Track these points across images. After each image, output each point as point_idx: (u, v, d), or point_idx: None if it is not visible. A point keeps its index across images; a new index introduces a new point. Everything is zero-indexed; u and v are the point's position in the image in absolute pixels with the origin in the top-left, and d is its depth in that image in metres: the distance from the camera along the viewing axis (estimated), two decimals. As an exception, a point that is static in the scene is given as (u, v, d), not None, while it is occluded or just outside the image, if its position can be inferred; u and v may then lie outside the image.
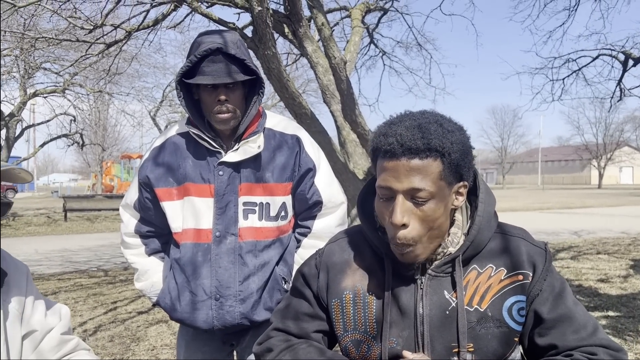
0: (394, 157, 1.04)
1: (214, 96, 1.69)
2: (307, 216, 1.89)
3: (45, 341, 1.19)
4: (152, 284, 1.87)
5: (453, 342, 1.11)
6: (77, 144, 19.10)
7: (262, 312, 1.77)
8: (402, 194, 1.05)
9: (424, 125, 1.05)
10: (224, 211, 1.75)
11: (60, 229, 15.10)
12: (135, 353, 4.10)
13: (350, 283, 1.20)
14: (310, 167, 1.83)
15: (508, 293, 1.13)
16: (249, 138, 1.76)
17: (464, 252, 1.14)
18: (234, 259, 1.75)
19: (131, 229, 1.88)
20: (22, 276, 1.19)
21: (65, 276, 7.51)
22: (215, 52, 1.65)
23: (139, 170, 1.84)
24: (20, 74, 15.02)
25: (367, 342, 1.16)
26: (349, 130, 5.38)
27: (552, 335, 1.12)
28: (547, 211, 19.25)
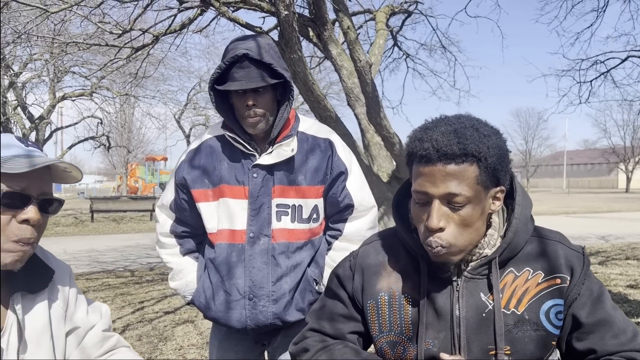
0: (430, 162, 1.05)
1: (243, 101, 1.74)
2: (338, 219, 1.91)
3: (88, 338, 1.23)
4: (187, 283, 1.91)
5: (490, 344, 1.11)
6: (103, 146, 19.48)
7: (294, 313, 1.80)
8: (439, 199, 1.06)
9: (459, 130, 1.05)
10: (258, 213, 1.79)
11: (87, 229, 15.39)
12: (163, 352, 4.17)
13: (386, 285, 1.21)
14: (342, 170, 1.85)
15: (545, 296, 1.13)
16: (282, 141, 1.80)
17: (501, 254, 1.14)
18: (267, 260, 1.78)
19: (167, 229, 1.93)
20: (65, 275, 1.23)
21: (93, 276, 7.66)
22: (241, 58, 1.70)
23: (176, 172, 1.89)
24: (49, 77, 15.38)
25: (402, 344, 1.17)
26: (373, 133, 5.39)
27: (590, 340, 1.11)
28: (573, 215, 18.91)
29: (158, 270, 8.15)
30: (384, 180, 5.32)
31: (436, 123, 1.10)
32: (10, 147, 1.06)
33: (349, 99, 5.39)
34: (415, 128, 1.14)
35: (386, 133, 4.92)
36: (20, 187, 1.04)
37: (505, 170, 1.10)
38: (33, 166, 1.03)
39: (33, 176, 1.04)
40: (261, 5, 4.96)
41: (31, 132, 15.79)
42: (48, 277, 1.15)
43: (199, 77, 22.63)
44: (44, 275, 1.15)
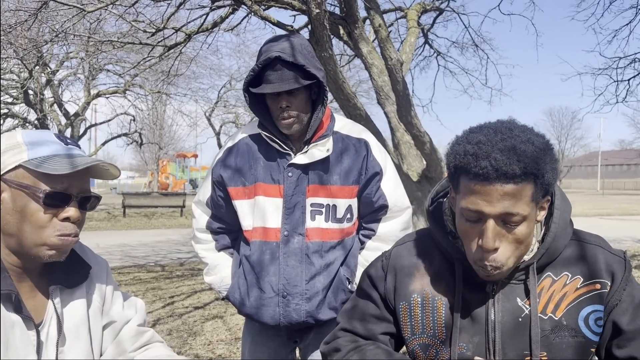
0: (487, 181, 0.99)
1: (277, 103, 1.76)
2: (372, 219, 1.91)
3: (123, 332, 1.25)
4: (222, 278, 1.94)
5: (525, 350, 1.09)
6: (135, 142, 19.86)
7: (327, 312, 1.81)
8: (494, 219, 1.02)
9: (518, 147, 0.99)
10: (292, 211, 1.80)
11: (120, 224, 15.72)
12: (192, 347, 4.23)
13: (419, 286, 1.19)
14: (377, 170, 1.85)
15: (584, 302, 1.10)
16: (318, 141, 1.81)
17: (539, 259, 1.11)
18: (301, 259, 1.80)
19: (203, 224, 1.96)
20: (102, 270, 1.26)
21: (125, 270, 7.82)
22: (274, 60, 1.71)
23: (213, 169, 1.92)
24: (85, 75, 15.76)
25: (435, 347, 1.16)
26: (403, 132, 5.35)
27: (632, 347, 1.08)
28: (607, 217, 18.41)
29: (188, 265, 8.27)
30: (413, 180, 5.28)
31: (489, 136, 1.02)
32: (50, 144, 1.08)
33: (379, 97, 5.37)
34: (459, 138, 1.08)
35: (416, 132, 4.87)
36: (62, 187, 1.07)
37: (555, 182, 1.06)
38: (75, 168, 1.05)
39: (74, 176, 1.07)
40: (292, 3, 4.98)
41: (67, 128, 16.20)
42: (85, 272, 1.18)
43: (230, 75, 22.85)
44: (82, 271, 1.17)
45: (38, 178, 1.05)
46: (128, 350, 1.23)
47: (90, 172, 1.12)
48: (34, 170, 1.04)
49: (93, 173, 1.14)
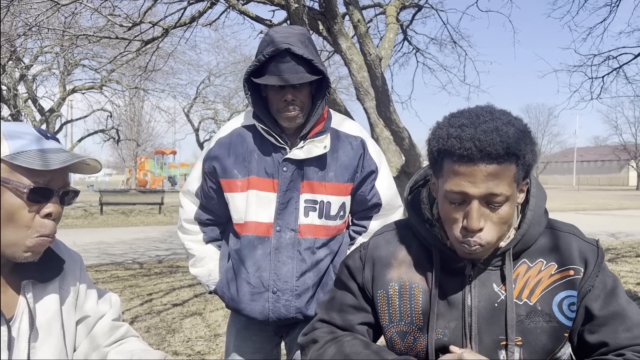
0: (471, 162, 1.01)
1: (281, 96, 1.72)
2: (364, 216, 1.91)
3: (97, 327, 1.23)
4: (209, 272, 1.91)
5: (501, 334, 1.11)
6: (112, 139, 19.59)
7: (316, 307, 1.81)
8: (478, 199, 1.03)
9: (500, 128, 1.02)
10: (286, 207, 1.78)
11: (97, 222, 15.50)
12: (171, 344, 4.20)
13: (396, 275, 1.20)
14: (372, 169, 1.85)
15: (558, 288, 1.12)
16: (315, 137, 1.78)
17: (515, 246, 1.13)
18: (293, 255, 1.78)
19: (191, 215, 1.92)
20: (76, 265, 1.23)
21: (102, 268, 7.72)
22: (283, 52, 1.67)
23: (205, 160, 1.87)
24: (60, 70, 15.47)
25: (412, 334, 1.17)
26: (382, 128, 5.36)
27: (603, 333, 1.10)
28: (583, 212, 18.78)
29: (167, 263, 8.20)
30: (392, 175, 5.30)
31: (471, 119, 1.04)
32: (30, 138, 1.05)
33: (358, 93, 5.37)
34: (441, 123, 1.09)
35: (395, 127, 4.90)
36: (44, 182, 1.04)
37: (535, 163, 1.08)
38: (64, 163, 1.03)
39: (56, 170, 1.04)
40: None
41: (41, 124, 15.89)
42: (59, 267, 1.15)
43: (208, 71, 22.66)
44: (55, 265, 1.15)
45: (20, 172, 1.01)
46: (102, 345, 1.21)
47: (71, 167, 1.10)
48: (15, 164, 1.01)
49: (73, 167, 1.11)
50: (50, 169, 1.02)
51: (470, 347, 1.12)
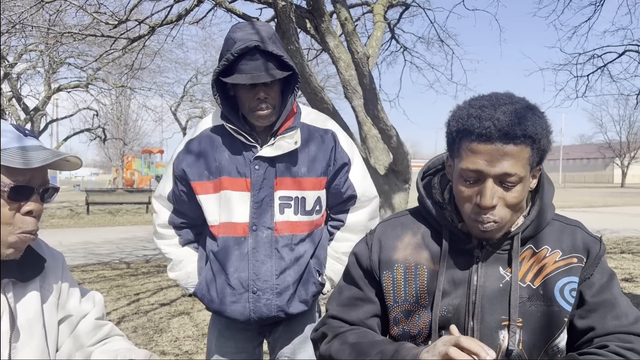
0: (489, 141, 1.04)
1: (252, 94, 1.69)
2: (340, 210, 1.90)
3: (80, 326, 1.22)
4: (188, 274, 1.89)
5: (503, 315, 1.13)
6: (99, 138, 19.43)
7: (297, 305, 1.80)
8: (492, 178, 1.06)
9: (519, 111, 1.06)
10: (260, 205, 1.76)
11: (83, 222, 15.36)
12: (158, 344, 4.17)
13: (402, 256, 1.22)
14: (345, 161, 1.84)
15: (561, 274, 1.14)
16: (285, 133, 1.76)
17: (524, 230, 1.16)
18: (271, 253, 1.77)
19: (165, 220, 1.90)
20: (58, 264, 1.22)
21: (89, 268, 7.65)
22: (252, 49, 1.64)
23: (174, 163, 1.84)
24: (45, 68, 15.30)
25: (417, 312, 1.19)
26: (370, 126, 5.37)
27: (592, 318, 1.13)
28: (569, 210, 18.97)
29: (154, 262, 8.14)
30: (380, 173, 5.31)
31: (492, 101, 1.09)
32: (8, 135, 1.04)
33: (346, 91, 5.37)
34: (461, 105, 1.14)
35: (383, 126, 4.90)
36: (24, 180, 1.03)
37: (549, 149, 1.12)
38: (45, 161, 1.02)
39: (37, 168, 1.03)
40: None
41: (26, 123, 15.70)
42: (40, 266, 1.14)
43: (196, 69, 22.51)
44: (36, 264, 1.13)
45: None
46: (86, 344, 1.19)
47: (51, 164, 1.08)
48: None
49: (53, 164, 1.10)
50: (31, 167, 1.01)
51: (472, 325, 1.14)
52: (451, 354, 0.98)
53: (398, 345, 1.11)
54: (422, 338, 1.18)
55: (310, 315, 1.92)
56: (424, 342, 1.17)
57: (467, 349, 0.98)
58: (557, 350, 1.15)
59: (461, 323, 1.14)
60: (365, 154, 5.38)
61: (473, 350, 0.97)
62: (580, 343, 1.14)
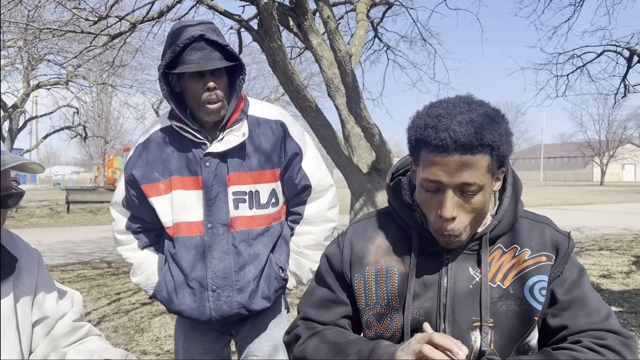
0: (446, 152, 1.03)
1: (202, 85, 1.67)
2: (297, 202, 1.89)
3: (57, 327, 1.19)
4: (147, 277, 1.86)
5: (474, 316, 1.13)
6: (79, 136, 19.16)
7: (260, 301, 1.78)
8: (452, 189, 1.06)
9: (475, 119, 1.05)
10: (214, 202, 1.74)
11: (63, 220, 15.14)
12: (139, 343, 4.13)
13: (373, 259, 1.22)
14: (296, 151, 1.82)
15: (531, 273, 1.15)
16: (232, 126, 1.74)
17: (491, 230, 1.16)
18: (228, 250, 1.75)
19: (122, 226, 1.88)
20: (33, 261, 1.19)
21: (69, 267, 7.55)
22: (197, 39, 1.63)
23: (125, 169, 1.83)
24: (23, 65, 15.03)
25: (389, 315, 1.19)
26: (353, 124, 5.38)
27: (564, 317, 1.13)
28: (549, 207, 19.23)
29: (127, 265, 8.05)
30: (363, 171, 5.33)
31: (448, 110, 1.07)
32: None
33: (329, 89, 5.38)
34: (420, 112, 1.12)
35: (366, 124, 4.91)
36: None
37: (510, 153, 1.12)
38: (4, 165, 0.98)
39: None
40: (240, -7, 4.90)
41: (4, 121, 15.42)
42: (12, 266, 1.11)
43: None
44: (7, 264, 1.11)
45: None
46: (61, 345, 1.17)
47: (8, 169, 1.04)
48: None
49: (17, 167, 1.06)
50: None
51: (444, 327, 1.14)
52: (425, 351, 0.99)
53: (375, 343, 1.11)
54: (395, 341, 1.17)
55: (275, 311, 1.90)
56: None
57: (441, 345, 0.99)
58: (528, 349, 1.16)
59: (433, 325, 1.14)
60: (349, 152, 5.39)
61: (446, 347, 0.98)
62: (553, 341, 1.15)
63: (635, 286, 5.84)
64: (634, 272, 6.68)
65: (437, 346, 0.99)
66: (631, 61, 7.98)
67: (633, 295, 5.39)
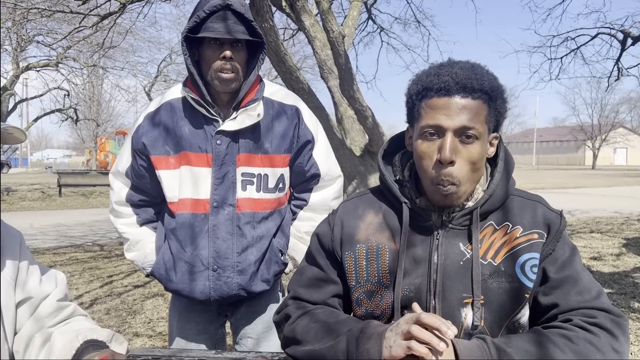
0: (448, 94, 1.07)
1: (219, 53, 1.64)
2: (303, 188, 1.87)
3: (41, 308, 1.17)
4: (145, 254, 1.83)
5: (465, 292, 1.12)
6: (71, 119, 18.98)
7: (259, 284, 1.77)
8: (452, 132, 1.08)
9: (477, 67, 1.11)
10: (222, 181, 1.71)
11: (55, 204, 15.06)
12: (131, 325, 4.13)
13: (364, 236, 1.21)
14: (309, 139, 1.80)
15: (522, 250, 1.14)
16: (247, 106, 1.71)
17: (482, 205, 1.16)
18: (232, 230, 1.72)
19: (122, 197, 1.83)
20: (15, 242, 1.17)
21: (61, 250, 7.51)
22: (224, 8, 1.61)
23: (133, 137, 1.78)
24: (12, 46, 14.80)
25: (379, 292, 1.19)
26: (346, 107, 5.34)
27: (555, 295, 1.13)
28: (542, 191, 19.33)
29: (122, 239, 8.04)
30: (356, 154, 5.30)
31: (450, 63, 1.13)
32: None
33: (322, 71, 5.32)
34: (424, 70, 1.17)
35: (359, 106, 4.88)
36: None
37: (504, 117, 1.15)
38: None
39: None
40: (232, -28, 4.82)
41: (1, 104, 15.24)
42: None
43: (170, 49, 22.06)
44: None
45: None
46: (46, 325, 1.15)
47: None
48: None
49: None
50: None
51: (434, 304, 1.14)
52: (413, 332, 0.98)
53: (364, 323, 1.10)
54: (385, 318, 1.18)
55: (272, 294, 1.89)
56: (387, 322, 1.16)
57: (429, 324, 0.98)
58: (518, 326, 1.15)
59: (423, 302, 1.14)
60: (341, 135, 5.36)
61: (434, 326, 0.98)
62: (544, 320, 1.14)
63: (625, 268, 5.90)
64: (624, 254, 6.74)
65: (425, 326, 0.98)
66: (625, 44, 7.95)
67: (623, 277, 5.44)
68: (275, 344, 1.86)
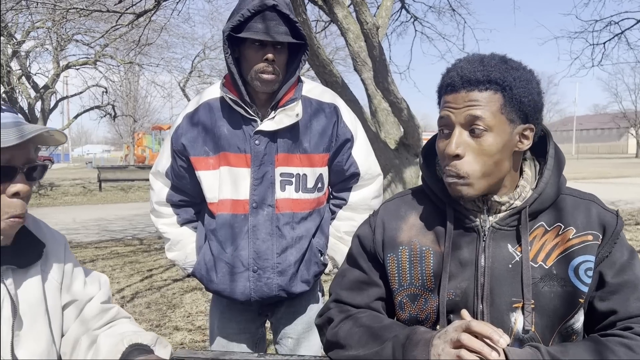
0: (454, 89, 1.07)
1: (261, 54, 1.63)
2: (343, 187, 1.85)
3: (86, 310, 1.19)
4: (186, 255, 1.84)
5: (514, 296, 1.08)
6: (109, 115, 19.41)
7: (299, 285, 1.76)
8: (460, 126, 1.06)
9: (485, 59, 1.08)
10: (261, 182, 1.70)
11: (96, 198, 15.49)
12: (171, 319, 4.20)
13: (406, 238, 1.18)
14: (348, 137, 1.77)
15: (576, 253, 1.08)
16: (286, 105, 1.69)
17: (531, 204, 1.10)
18: (272, 231, 1.71)
19: (163, 197, 1.84)
20: (60, 246, 1.18)
21: (102, 244, 7.72)
22: (269, 8, 1.59)
23: (172, 137, 1.78)
24: (53, 46, 15.21)
25: (424, 296, 1.15)
26: (380, 99, 5.27)
27: (613, 301, 1.07)
28: (582, 181, 18.76)
29: (166, 238, 8.19)
30: (391, 147, 5.24)
31: (469, 57, 1.11)
32: None
33: (355, 63, 5.26)
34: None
35: (394, 99, 4.81)
36: (5, 160, 0.97)
37: (535, 108, 1.08)
38: (22, 137, 0.96)
39: (17, 146, 0.97)
40: (264, -34, 4.80)
41: (36, 101, 15.72)
42: (39, 251, 1.10)
43: (203, 44, 22.28)
44: (35, 249, 1.10)
45: None
46: (92, 328, 1.17)
47: (34, 140, 1.03)
48: None
49: (37, 140, 1.04)
50: (8, 145, 0.95)
51: (481, 308, 1.09)
52: (463, 340, 0.94)
53: (411, 329, 1.07)
54: (430, 323, 1.14)
55: (312, 295, 1.88)
56: (432, 327, 1.13)
57: (480, 333, 0.94)
58: (571, 332, 1.10)
59: (470, 306, 1.10)
60: (376, 128, 5.30)
61: (485, 334, 0.93)
62: (601, 327, 1.09)
63: (674, 262, 5.67)
64: (672, 247, 6.48)
65: (475, 334, 0.94)
66: (673, 27, 7.60)
67: (672, 271, 5.23)
68: (315, 344, 1.85)
